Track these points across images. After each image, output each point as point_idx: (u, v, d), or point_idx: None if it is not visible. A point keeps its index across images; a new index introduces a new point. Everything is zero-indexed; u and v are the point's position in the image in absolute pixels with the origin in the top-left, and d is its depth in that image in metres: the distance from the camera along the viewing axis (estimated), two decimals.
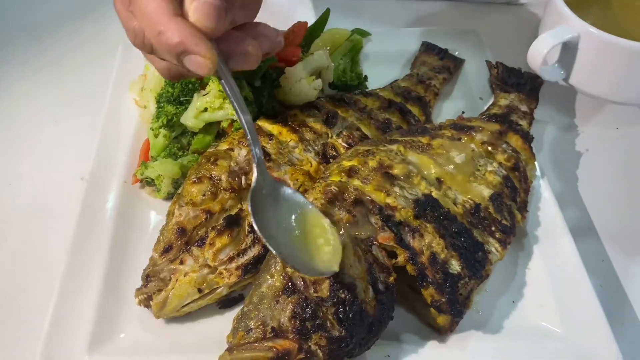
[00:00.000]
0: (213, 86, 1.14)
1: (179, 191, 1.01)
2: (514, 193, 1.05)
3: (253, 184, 0.87)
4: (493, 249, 0.97)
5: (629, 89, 1.11)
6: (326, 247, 0.85)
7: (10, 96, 1.43)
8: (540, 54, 1.11)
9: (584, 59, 1.11)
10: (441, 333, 0.93)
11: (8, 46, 1.58)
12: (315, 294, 0.83)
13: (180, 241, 0.94)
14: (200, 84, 1.19)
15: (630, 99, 1.14)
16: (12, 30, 1.63)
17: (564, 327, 0.94)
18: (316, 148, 1.10)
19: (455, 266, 0.92)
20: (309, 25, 1.36)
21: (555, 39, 1.10)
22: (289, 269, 0.85)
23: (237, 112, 0.85)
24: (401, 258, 0.90)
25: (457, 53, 1.44)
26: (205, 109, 1.14)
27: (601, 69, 1.11)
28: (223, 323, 0.94)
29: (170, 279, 0.92)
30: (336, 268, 0.83)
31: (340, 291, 0.84)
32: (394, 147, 1.04)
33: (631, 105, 1.26)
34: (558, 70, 1.18)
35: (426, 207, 0.94)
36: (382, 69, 1.41)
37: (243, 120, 0.85)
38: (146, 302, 0.93)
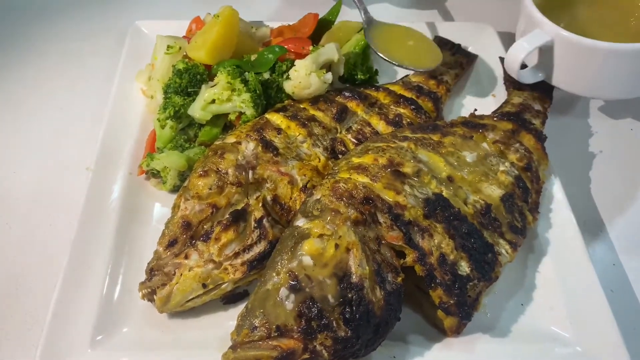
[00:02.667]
0: (221, 77, 1.12)
1: (185, 184, 1.00)
2: (526, 194, 1.03)
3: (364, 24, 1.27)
4: (503, 251, 0.95)
5: (602, 86, 1.18)
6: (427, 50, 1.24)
7: (15, 82, 1.42)
8: (518, 60, 1.16)
9: (559, 60, 1.17)
10: (448, 335, 0.91)
11: (13, 29, 1.56)
12: (321, 293, 0.82)
13: (186, 235, 0.93)
14: (209, 75, 1.18)
15: (604, 94, 1.23)
16: (17, 14, 1.62)
17: (573, 332, 0.92)
18: (325, 143, 1.08)
19: (464, 268, 0.90)
20: (320, 17, 1.34)
21: (530, 44, 1.16)
22: (294, 267, 0.83)
23: None
24: (410, 258, 0.89)
25: (469, 48, 1.42)
26: (213, 101, 1.13)
27: (575, 68, 1.17)
28: (227, 319, 0.93)
29: (174, 274, 0.91)
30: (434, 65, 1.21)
31: (347, 291, 0.82)
32: (405, 144, 1.02)
33: (608, 100, 1.35)
34: (536, 73, 1.23)
35: (436, 207, 0.92)
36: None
37: None
38: (150, 296, 0.92)
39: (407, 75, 1.31)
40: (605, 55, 1.11)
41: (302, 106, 1.14)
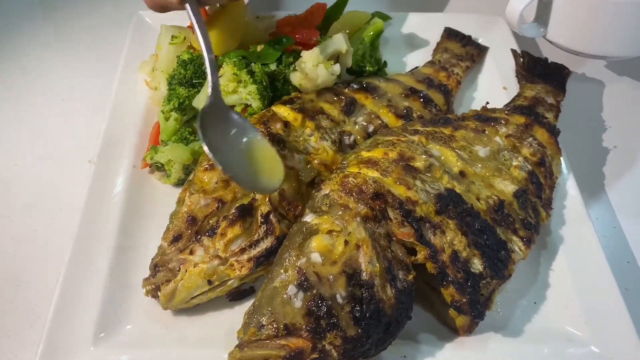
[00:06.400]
0: (227, 69, 1.09)
1: (190, 178, 0.98)
2: (539, 190, 1.00)
3: (205, 106, 0.93)
4: (516, 248, 0.93)
5: (602, 41, 1.16)
6: (269, 169, 0.92)
7: (16, 73, 1.40)
8: (517, 11, 1.14)
9: (559, 14, 1.15)
10: (459, 334, 0.89)
11: (14, 19, 1.54)
12: (330, 291, 0.79)
13: (191, 230, 0.91)
14: None
15: (603, 51, 1.19)
16: (19, 3, 1.59)
17: (588, 331, 0.90)
18: (333, 136, 1.05)
19: (477, 265, 0.88)
20: (327, 7, 1.31)
21: None
22: (302, 264, 0.81)
23: (199, 40, 0.96)
24: (421, 255, 0.86)
25: (480, 40, 1.39)
26: None
27: (575, 22, 1.15)
28: (233, 316, 0.91)
29: (179, 270, 0.89)
30: (277, 186, 0.91)
31: (357, 288, 0.80)
32: (415, 137, 1.00)
33: (605, 58, 1.29)
34: (537, 28, 1.21)
35: (448, 203, 0.90)
36: (402, 55, 1.37)
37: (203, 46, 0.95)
38: (154, 293, 0.90)
39: (416, 67, 1.29)
40: (604, 8, 1.07)
41: (309, 98, 1.11)
